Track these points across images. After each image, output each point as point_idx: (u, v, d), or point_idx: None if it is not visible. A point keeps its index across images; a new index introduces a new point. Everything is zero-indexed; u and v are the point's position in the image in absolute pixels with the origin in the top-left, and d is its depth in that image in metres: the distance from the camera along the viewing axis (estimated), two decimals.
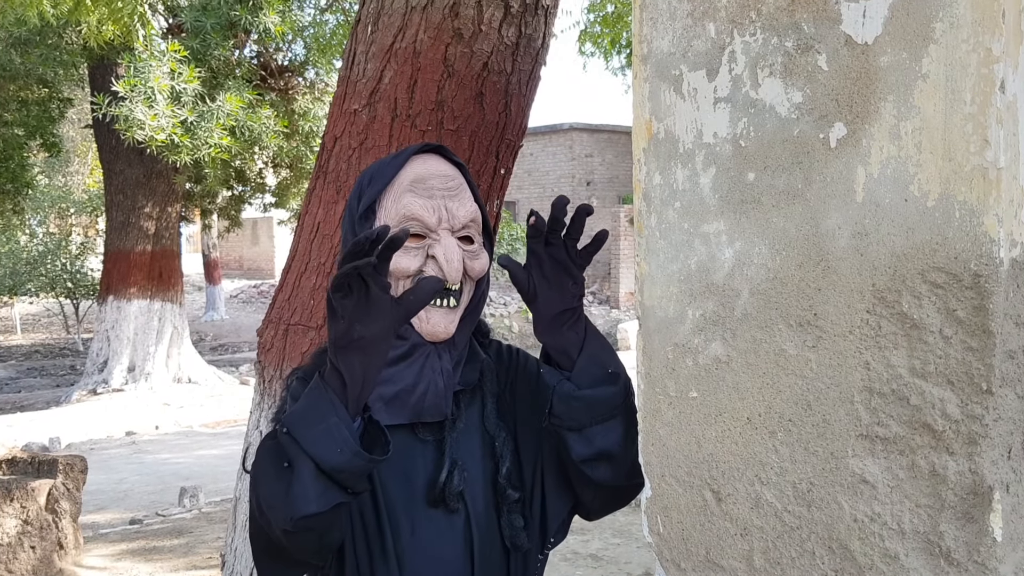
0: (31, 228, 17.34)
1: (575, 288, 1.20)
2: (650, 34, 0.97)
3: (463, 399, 1.23)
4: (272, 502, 1.05)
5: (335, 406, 1.03)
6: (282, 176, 11.61)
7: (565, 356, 1.20)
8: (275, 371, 2.01)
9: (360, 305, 1.00)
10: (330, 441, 1.02)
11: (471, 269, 1.21)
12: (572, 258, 1.19)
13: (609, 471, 1.20)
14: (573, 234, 1.18)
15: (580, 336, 1.20)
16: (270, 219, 23.58)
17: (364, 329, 1.01)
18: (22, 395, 12.42)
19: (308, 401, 1.05)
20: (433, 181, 1.20)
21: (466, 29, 1.78)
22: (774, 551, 0.89)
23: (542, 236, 1.18)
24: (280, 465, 1.04)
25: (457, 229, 1.20)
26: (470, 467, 1.21)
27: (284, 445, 1.05)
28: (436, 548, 1.18)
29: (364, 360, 1.03)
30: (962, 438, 0.76)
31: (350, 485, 1.04)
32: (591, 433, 1.18)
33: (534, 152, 21.13)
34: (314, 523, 1.04)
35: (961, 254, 0.75)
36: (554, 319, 1.20)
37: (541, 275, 1.19)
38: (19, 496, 4.32)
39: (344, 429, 1.02)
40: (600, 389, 1.18)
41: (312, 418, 1.03)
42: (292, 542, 1.07)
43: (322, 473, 1.02)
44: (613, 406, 1.18)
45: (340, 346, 1.03)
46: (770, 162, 0.87)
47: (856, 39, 0.80)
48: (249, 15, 7.99)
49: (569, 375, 1.19)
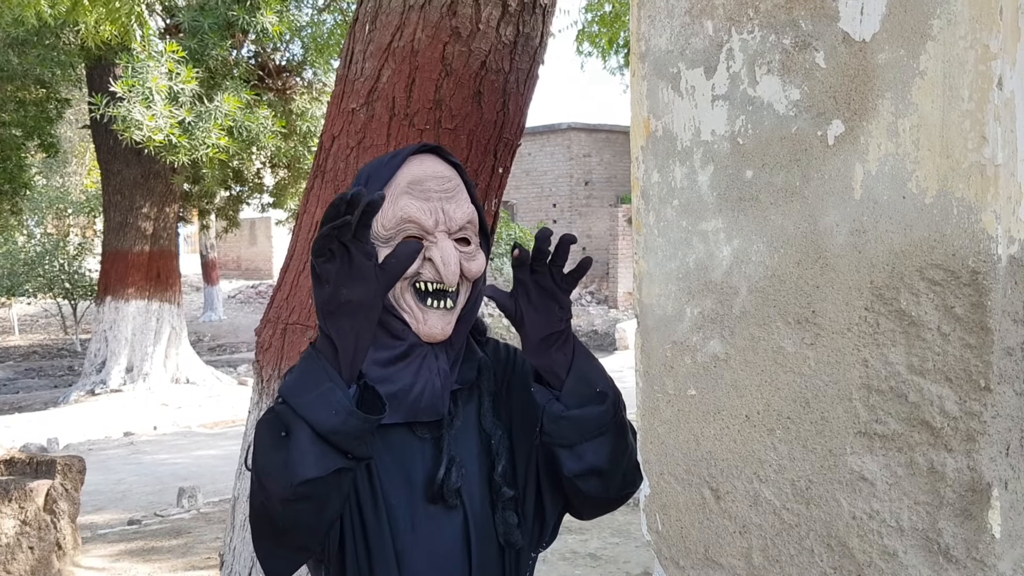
0: (29, 229, 17.31)
1: (561, 312, 1.22)
2: (648, 32, 0.97)
3: (460, 397, 1.25)
4: (271, 470, 1.06)
5: (328, 372, 1.05)
6: (280, 176, 11.60)
7: (554, 376, 1.22)
8: (273, 370, 2.01)
9: (343, 269, 1.02)
10: (325, 404, 1.03)
11: (468, 270, 1.22)
12: (558, 283, 1.21)
13: (599, 485, 1.22)
14: (558, 261, 1.20)
15: (568, 357, 1.22)
16: (268, 219, 23.57)
17: (350, 292, 1.03)
18: (20, 396, 12.40)
19: (302, 369, 1.08)
20: (430, 183, 1.20)
21: (464, 28, 1.78)
22: (773, 549, 0.89)
23: (527, 266, 1.20)
24: (278, 434, 1.05)
25: (454, 231, 1.21)
26: (467, 465, 1.22)
27: (280, 414, 1.06)
28: (434, 545, 1.19)
29: (353, 324, 1.05)
30: (960, 435, 0.76)
31: (348, 448, 1.05)
32: (581, 450, 1.20)
33: (532, 152, 21.13)
34: (313, 489, 1.04)
35: (959, 251, 0.75)
36: (542, 342, 1.21)
37: (528, 301, 1.21)
38: (17, 497, 4.32)
39: (338, 391, 1.04)
40: (588, 409, 1.20)
41: (307, 384, 1.05)
42: (290, 513, 1.07)
43: (319, 437, 1.03)
44: (601, 424, 1.20)
45: (328, 311, 1.05)
46: (768, 160, 0.87)
47: (854, 36, 0.80)
48: (247, 15, 7.98)
49: (559, 395, 1.20)
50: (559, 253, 1.20)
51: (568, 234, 1.19)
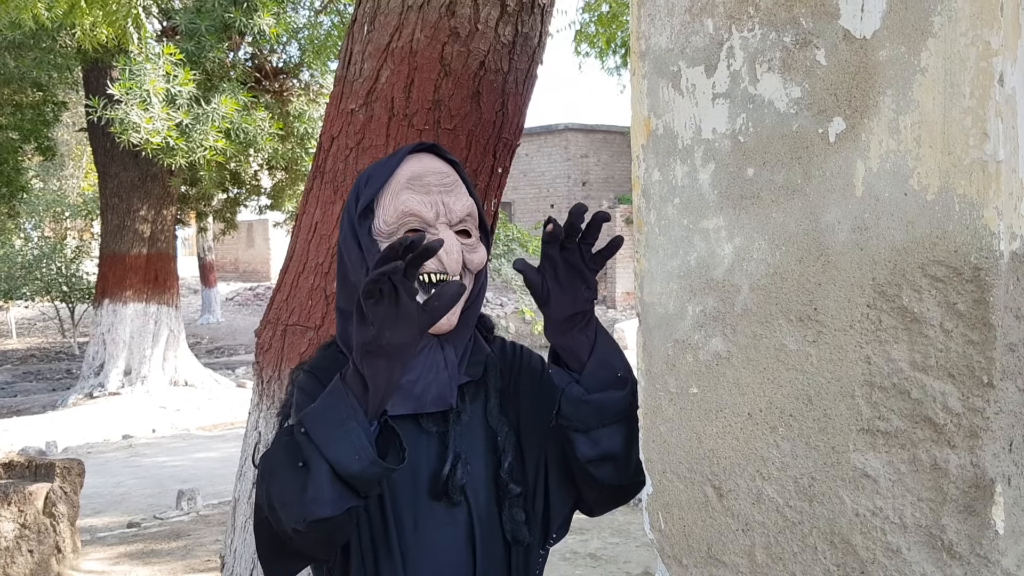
0: (26, 232, 17.29)
1: (588, 292, 1.21)
2: (648, 30, 0.97)
3: (467, 393, 1.25)
4: (285, 500, 1.05)
5: (355, 411, 1.04)
6: (277, 178, 11.59)
7: (574, 358, 1.21)
8: (273, 372, 2.01)
9: (390, 312, 1.00)
10: (348, 447, 1.02)
11: (470, 262, 1.22)
12: (586, 263, 1.20)
13: (613, 471, 1.21)
14: (588, 239, 1.19)
15: (591, 339, 1.21)
16: (265, 221, 23.53)
17: (393, 336, 1.02)
18: (18, 399, 12.38)
19: (328, 402, 1.05)
20: (429, 178, 1.21)
21: (463, 28, 1.78)
22: (776, 546, 0.89)
23: (558, 242, 1.19)
24: (295, 464, 1.05)
25: (455, 223, 1.21)
26: (473, 461, 1.22)
27: (301, 444, 1.05)
28: (438, 541, 1.19)
29: (389, 366, 1.04)
30: (963, 431, 0.76)
31: (364, 491, 1.05)
32: (597, 435, 1.19)
33: (529, 153, 21.13)
34: (326, 526, 1.04)
35: (961, 247, 0.75)
36: (565, 321, 1.21)
37: (555, 279, 1.20)
38: (16, 500, 4.31)
39: (363, 435, 1.03)
40: (609, 393, 1.19)
41: (331, 420, 1.04)
42: (302, 541, 1.07)
43: (338, 478, 1.02)
44: (620, 410, 1.19)
45: (368, 351, 1.03)
46: (769, 157, 0.87)
47: (854, 33, 0.80)
48: (243, 17, 7.97)
49: (578, 377, 1.19)
50: (590, 231, 1.19)
51: (602, 212, 1.18)
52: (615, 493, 1.27)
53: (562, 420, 1.19)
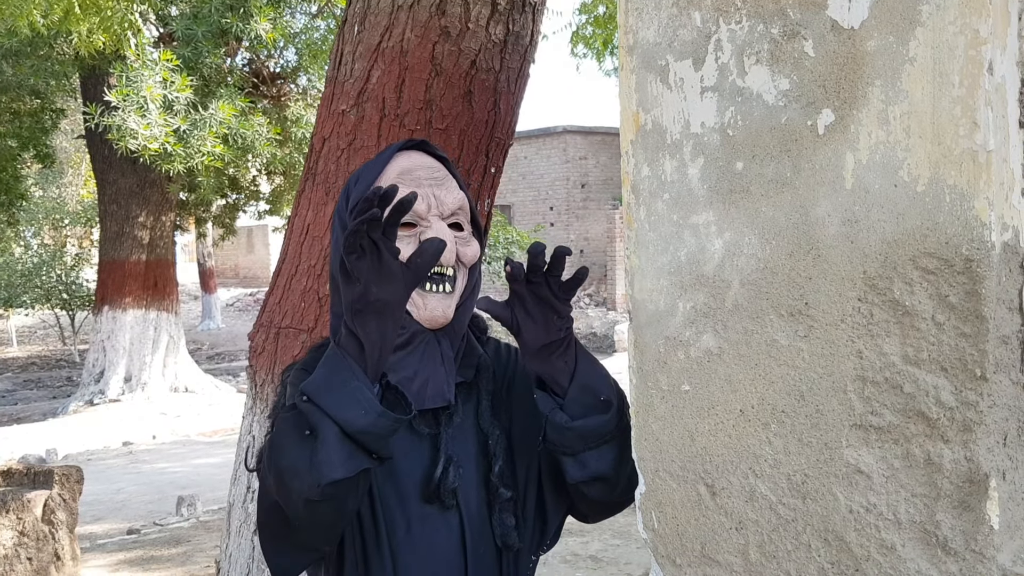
0: (25, 240, 17.28)
1: (560, 321, 1.18)
2: (636, 24, 0.96)
3: (459, 395, 1.23)
4: (297, 469, 1.04)
5: (355, 371, 1.04)
6: (276, 183, 11.58)
7: (555, 383, 1.19)
8: (267, 375, 2.00)
9: (374, 267, 1.01)
10: (354, 404, 1.02)
11: (463, 255, 1.22)
12: (555, 293, 1.17)
13: (604, 490, 1.20)
14: (554, 272, 1.17)
15: (570, 365, 1.19)
16: (265, 227, 23.54)
17: (380, 291, 1.02)
18: (19, 407, 12.37)
19: (327, 367, 1.06)
20: (419, 172, 1.22)
21: (453, 27, 1.77)
22: (770, 544, 0.88)
23: (519, 281, 1.17)
24: (302, 433, 1.04)
25: (446, 215, 1.21)
26: (464, 465, 1.21)
27: (306, 412, 1.04)
28: (429, 545, 1.18)
29: (380, 323, 1.04)
30: (957, 425, 0.75)
31: (375, 449, 1.04)
32: (585, 458, 1.18)
33: (528, 155, 21.13)
34: (339, 489, 1.03)
35: (952, 239, 0.74)
36: (541, 350, 1.19)
37: (524, 311, 1.18)
38: (15, 507, 4.30)
39: (366, 391, 1.03)
40: (592, 419, 1.17)
41: (333, 383, 1.04)
42: (313, 513, 1.06)
43: (347, 437, 1.02)
44: (605, 433, 1.17)
45: (357, 309, 1.03)
46: (758, 151, 0.86)
47: (842, 24, 0.79)
48: (240, 23, 7.96)
49: (562, 403, 1.18)
50: (555, 264, 1.17)
51: (562, 247, 1.17)
52: (609, 506, 1.26)
53: (548, 445, 1.18)
